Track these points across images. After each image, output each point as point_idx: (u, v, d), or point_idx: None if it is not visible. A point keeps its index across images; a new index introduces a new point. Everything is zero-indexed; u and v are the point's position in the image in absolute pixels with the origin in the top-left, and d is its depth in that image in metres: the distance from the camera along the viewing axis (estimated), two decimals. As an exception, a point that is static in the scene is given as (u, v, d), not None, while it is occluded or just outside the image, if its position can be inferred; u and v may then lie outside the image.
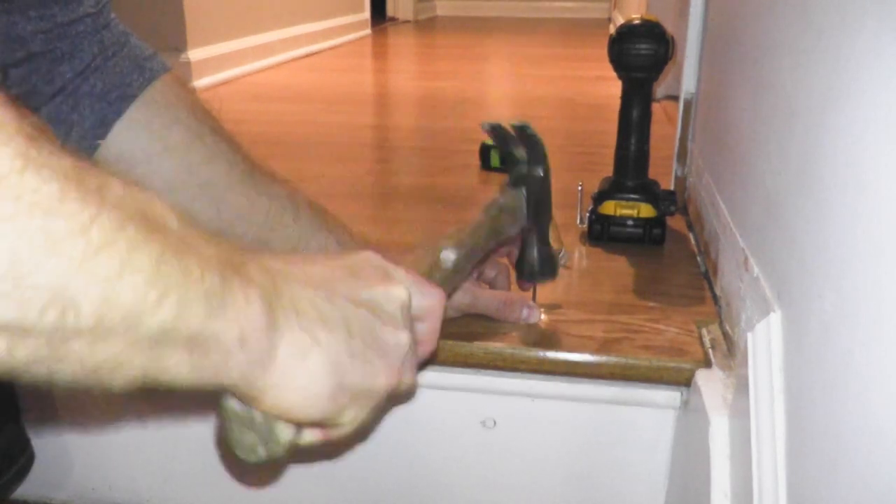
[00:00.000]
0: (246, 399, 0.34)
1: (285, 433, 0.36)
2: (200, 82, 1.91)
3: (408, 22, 4.31)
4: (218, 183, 0.57)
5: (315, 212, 0.62)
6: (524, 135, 0.60)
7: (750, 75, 0.65)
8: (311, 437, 0.38)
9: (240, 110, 1.72)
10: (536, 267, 0.63)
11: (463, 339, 0.64)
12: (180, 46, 1.88)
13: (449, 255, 0.50)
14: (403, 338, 0.38)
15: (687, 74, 0.97)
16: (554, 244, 0.82)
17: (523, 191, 0.60)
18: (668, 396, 0.64)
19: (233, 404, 0.35)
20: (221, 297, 0.29)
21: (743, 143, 0.66)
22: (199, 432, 0.75)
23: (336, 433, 0.38)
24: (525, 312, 0.66)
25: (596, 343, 0.64)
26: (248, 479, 0.74)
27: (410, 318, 0.40)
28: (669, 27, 0.81)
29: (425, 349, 0.43)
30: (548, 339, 0.65)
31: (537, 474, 0.70)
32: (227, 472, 0.71)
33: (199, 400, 0.73)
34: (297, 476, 0.74)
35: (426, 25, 4.28)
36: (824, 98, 0.44)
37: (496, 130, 0.61)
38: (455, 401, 0.68)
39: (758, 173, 0.59)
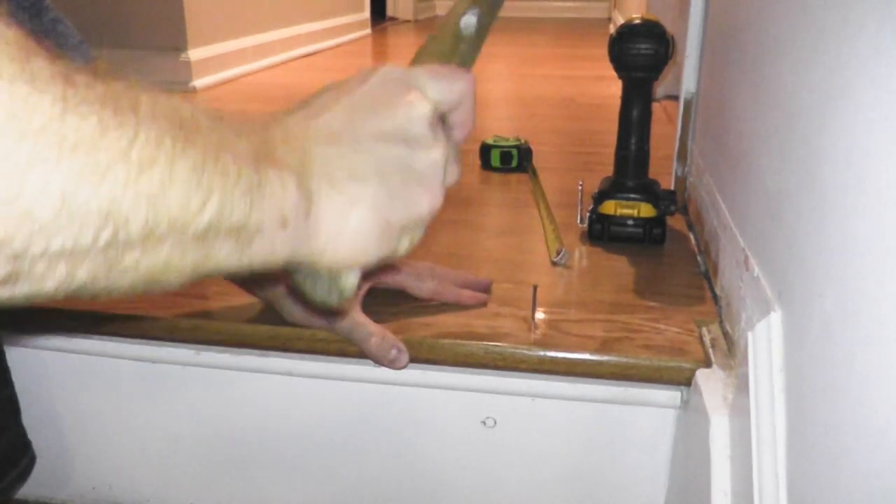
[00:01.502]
0: (304, 265, 0.36)
1: (351, 278, 0.38)
2: (201, 82, 1.92)
3: (408, 22, 4.31)
4: None
5: None
6: None
7: (750, 75, 0.65)
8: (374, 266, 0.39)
9: (240, 110, 1.72)
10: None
11: (463, 339, 0.64)
12: (180, 46, 1.88)
13: (470, 20, 0.47)
14: (437, 153, 0.39)
15: (687, 74, 0.97)
16: (554, 243, 0.83)
17: None
18: (669, 396, 0.64)
19: (297, 271, 0.38)
20: (259, 189, 0.31)
21: (743, 143, 0.66)
22: (199, 432, 0.75)
23: (398, 256, 0.40)
24: (394, 353, 0.63)
25: (596, 342, 0.64)
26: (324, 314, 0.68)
27: (440, 125, 0.40)
28: (669, 27, 0.81)
29: (462, 133, 0.43)
30: (548, 338, 0.65)
31: (537, 473, 0.70)
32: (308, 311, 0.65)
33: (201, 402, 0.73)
34: (297, 476, 0.74)
35: (426, 25, 4.28)
36: (825, 98, 0.44)
37: None
38: (455, 400, 0.68)
39: (758, 173, 0.59)
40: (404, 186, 0.37)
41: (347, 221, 0.35)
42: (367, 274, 0.51)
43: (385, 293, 0.70)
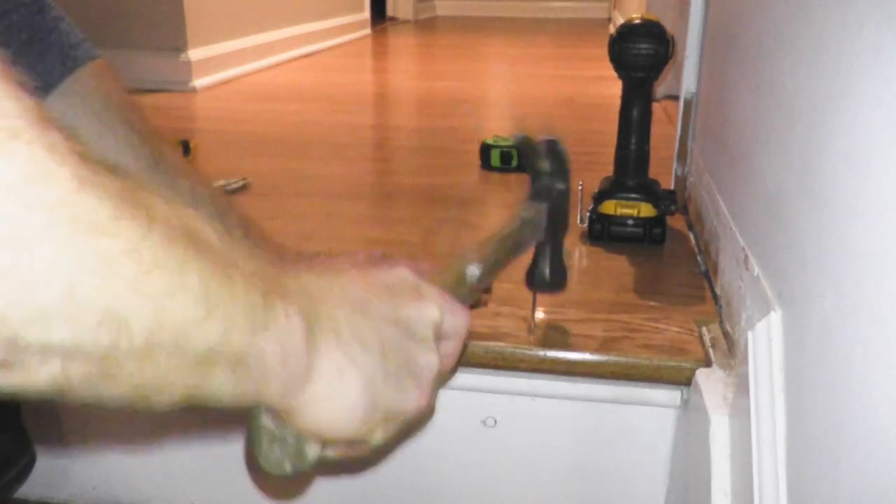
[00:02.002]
0: (280, 415, 0.34)
1: (313, 450, 0.36)
2: (201, 82, 1.92)
3: (408, 22, 4.31)
4: None
5: (215, 209, 0.62)
6: (553, 149, 0.61)
7: (750, 75, 0.65)
8: (335, 452, 0.38)
9: (240, 110, 1.72)
10: (548, 279, 0.63)
11: (463, 339, 0.64)
12: (180, 46, 1.88)
13: (474, 272, 0.50)
14: (433, 359, 0.39)
15: (687, 74, 0.97)
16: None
17: (545, 204, 0.60)
18: (669, 395, 0.64)
19: (265, 420, 0.35)
20: (264, 314, 0.30)
21: (743, 143, 0.66)
22: (200, 431, 0.75)
23: (360, 450, 0.38)
24: None
25: (596, 342, 0.64)
26: (273, 492, 0.73)
27: (440, 339, 0.40)
28: (669, 27, 0.81)
29: (446, 367, 0.43)
30: (548, 338, 0.65)
31: (538, 473, 0.70)
32: (254, 484, 0.71)
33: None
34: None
35: (426, 25, 4.28)
36: (825, 98, 0.44)
37: (524, 142, 0.62)
38: (456, 400, 0.69)
39: (758, 173, 0.59)
40: (400, 373, 0.36)
41: (342, 381, 0.34)
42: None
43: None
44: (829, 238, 0.41)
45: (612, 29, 2.89)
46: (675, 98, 1.05)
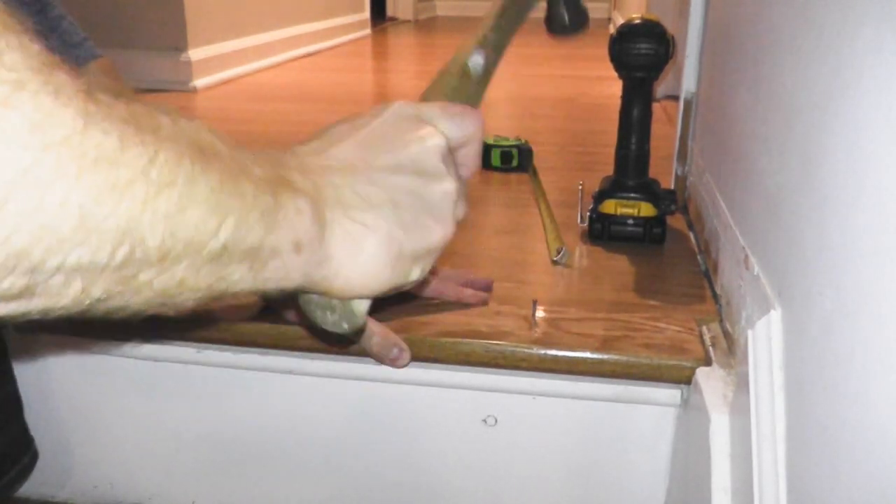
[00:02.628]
0: (316, 291, 0.37)
1: (361, 306, 0.39)
2: (201, 82, 1.92)
3: (408, 22, 4.31)
4: None
5: None
6: None
7: (750, 75, 0.65)
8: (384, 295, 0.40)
9: (240, 110, 1.72)
10: (567, 20, 0.60)
11: (464, 337, 0.65)
12: (181, 46, 1.89)
13: (478, 61, 0.48)
14: (449, 186, 0.40)
15: (687, 74, 0.98)
16: (554, 243, 0.83)
17: None
18: (669, 394, 0.64)
19: (309, 295, 0.38)
20: (275, 213, 0.32)
21: (743, 143, 0.66)
22: (200, 430, 0.75)
23: (407, 287, 0.41)
24: (395, 352, 0.63)
25: (597, 341, 0.64)
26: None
27: (452, 159, 0.41)
28: (669, 27, 0.81)
29: (468, 171, 0.44)
30: (549, 337, 0.65)
31: (538, 472, 0.70)
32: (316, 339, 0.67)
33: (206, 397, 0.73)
34: (297, 475, 0.75)
35: (426, 25, 4.28)
36: (824, 97, 0.44)
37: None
38: (456, 399, 0.69)
39: (758, 172, 0.59)
40: (417, 217, 0.38)
41: (361, 249, 0.36)
42: None
43: (386, 292, 0.70)
44: (829, 237, 0.41)
45: (611, 29, 2.89)
46: (676, 98, 1.06)
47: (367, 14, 3.45)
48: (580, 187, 0.91)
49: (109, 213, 0.25)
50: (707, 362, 0.61)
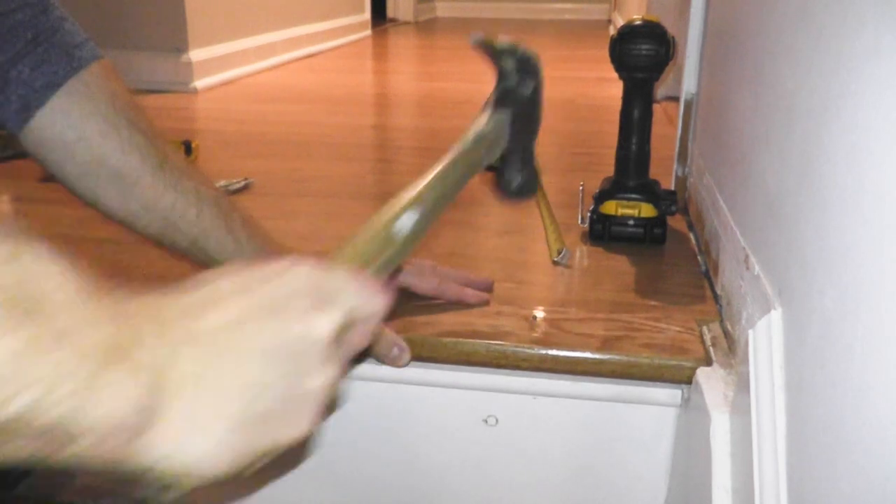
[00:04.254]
0: (129, 473, 0.31)
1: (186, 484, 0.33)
2: (201, 83, 1.92)
3: (408, 23, 4.31)
4: (128, 175, 0.58)
5: (219, 210, 0.62)
6: (516, 48, 0.56)
7: (750, 75, 0.65)
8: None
9: (241, 111, 1.72)
10: (514, 186, 0.59)
11: (465, 338, 0.65)
12: (181, 47, 1.89)
13: (406, 224, 0.44)
14: (322, 380, 0.35)
15: (687, 75, 0.98)
16: (555, 243, 0.83)
17: (508, 113, 0.55)
18: (670, 394, 0.65)
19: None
20: (95, 391, 0.27)
21: (743, 143, 0.67)
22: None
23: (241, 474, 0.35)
24: (396, 351, 0.63)
25: (597, 341, 0.64)
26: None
27: (341, 340, 0.37)
28: (670, 28, 0.81)
29: (354, 347, 0.39)
30: (549, 337, 0.65)
31: (539, 471, 0.70)
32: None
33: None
34: (297, 475, 0.75)
35: (426, 26, 4.28)
36: (824, 97, 0.44)
37: (484, 43, 0.57)
38: (457, 398, 0.69)
39: (758, 172, 0.60)
40: (276, 408, 0.33)
41: (194, 436, 0.31)
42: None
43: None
44: (829, 237, 0.42)
45: (612, 30, 2.89)
46: (676, 99, 1.06)
47: (367, 15, 3.45)
48: (581, 188, 0.91)
49: None
50: (708, 362, 0.62)
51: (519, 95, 0.55)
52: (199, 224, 0.61)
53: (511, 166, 0.58)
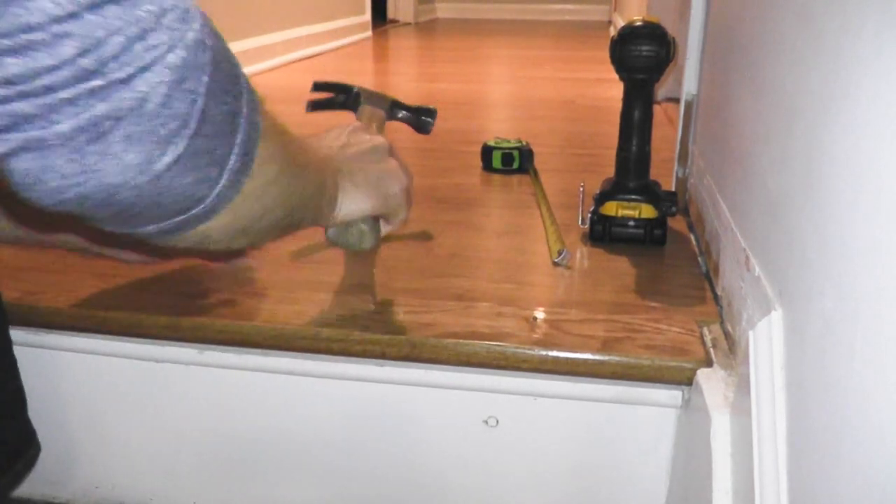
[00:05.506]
0: (330, 222, 0.62)
1: (369, 227, 0.66)
2: (202, 84, 1.91)
3: (408, 24, 4.31)
4: None
5: None
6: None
7: (751, 76, 0.66)
8: (385, 229, 0.69)
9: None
10: (420, 128, 1.03)
11: (465, 338, 0.65)
12: (182, 48, 1.88)
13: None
14: (392, 163, 0.67)
15: (688, 76, 0.98)
16: (555, 244, 0.83)
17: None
18: (670, 395, 0.65)
19: (331, 230, 0.66)
20: (324, 185, 0.57)
21: (744, 144, 0.67)
22: (202, 430, 0.75)
23: (397, 224, 0.69)
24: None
25: (598, 342, 0.64)
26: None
27: (392, 155, 0.68)
28: (670, 29, 0.81)
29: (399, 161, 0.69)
30: (550, 338, 0.65)
31: (539, 473, 0.70)
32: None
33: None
34: (299, 474, 0.75)
35: (427, 27, 4.28)
36: (825, 98, 0.44)
37: (320, 86, 0.95)
38: (457, 400, 0.69)
39: (759, 174, 0.60)
40: (383, 177, 0.65)
41: (354, 195, 0.61)
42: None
43: (387, 291, 0.70)
44: (829, 238, 0.42)
45: (612, 32, 2.89)
46: (676, 100, 1.06)
47: (367, 16, 3.46)
48: (581, 189, 0.91)
49: (294, 192, 0.50)
50: (708, 363, 0.62)
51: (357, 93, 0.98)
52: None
53: (410, 120, 1.02)
